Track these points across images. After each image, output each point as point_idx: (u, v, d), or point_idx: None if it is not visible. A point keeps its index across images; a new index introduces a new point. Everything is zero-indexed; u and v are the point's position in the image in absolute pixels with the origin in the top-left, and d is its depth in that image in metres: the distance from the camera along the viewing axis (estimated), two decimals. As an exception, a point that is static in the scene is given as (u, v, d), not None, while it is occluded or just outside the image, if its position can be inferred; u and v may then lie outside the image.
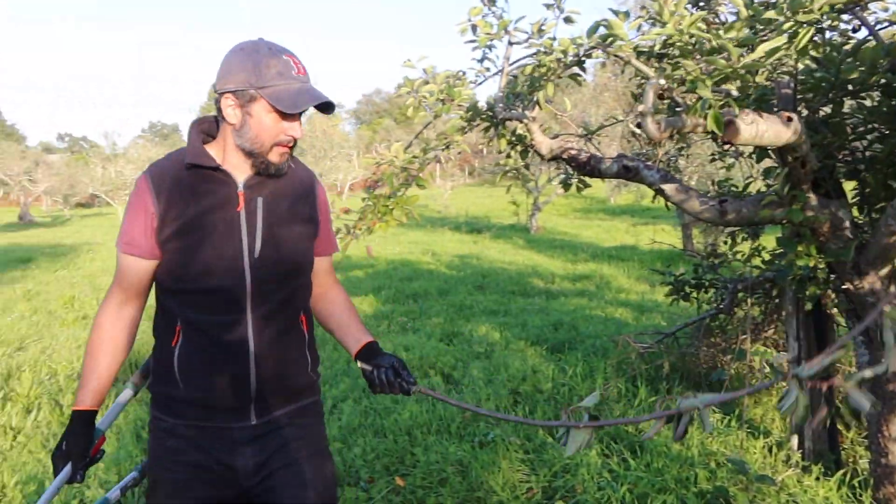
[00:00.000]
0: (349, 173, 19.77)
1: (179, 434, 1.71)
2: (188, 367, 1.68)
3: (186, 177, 1.66)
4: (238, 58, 1.61)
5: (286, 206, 1.74)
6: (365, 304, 8.45)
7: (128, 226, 1.67)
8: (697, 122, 2.47)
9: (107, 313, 1.73)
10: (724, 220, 3.01)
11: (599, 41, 2.70)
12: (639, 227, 18.79)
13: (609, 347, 5.38)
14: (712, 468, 3.27)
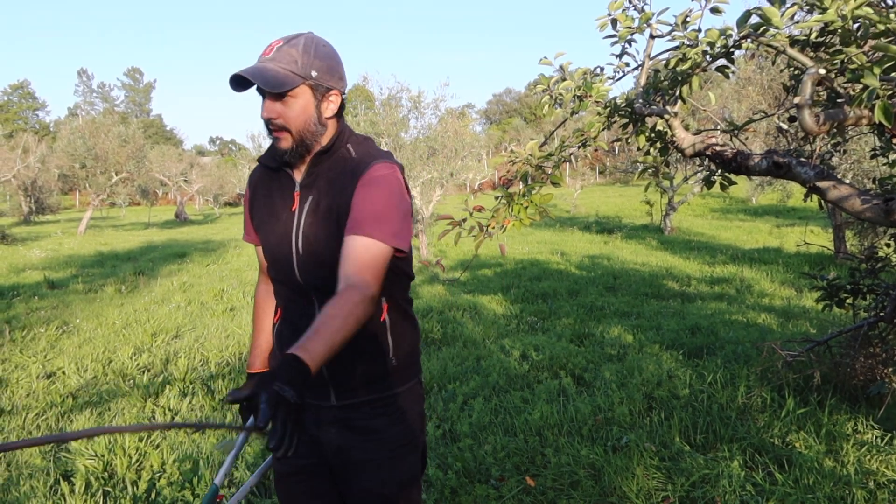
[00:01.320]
0: (479, 173, 19.94)
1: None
2: (281, 342, 1.86)
3: (266, 174, 1.85)
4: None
5: (326, 204, 1.71)
6: (494, 302, 8.47)
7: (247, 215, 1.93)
8: (862, 113, 2.29)
9: (258, 288, 2.04)
10: (891, 221, 2.77)
11: (751, 30, 2.56)
12: (783, 229, 17.71)
13: (752, 354, 5.10)
14: (871, 488, 3.02)
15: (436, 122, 15.73)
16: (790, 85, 3.23)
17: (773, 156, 3.01)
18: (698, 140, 3.18)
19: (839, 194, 2.84)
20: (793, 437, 3.62)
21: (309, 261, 1.73)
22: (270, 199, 1.81)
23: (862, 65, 2.18)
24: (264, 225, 1.82)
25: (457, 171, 15.00)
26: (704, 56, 2.84)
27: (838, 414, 3.86)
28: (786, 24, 2.50)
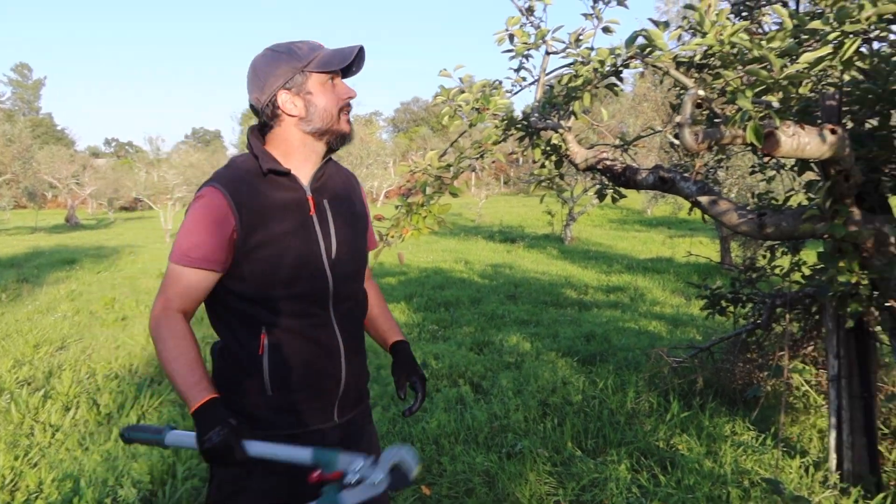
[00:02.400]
0: (385, 181, 19.92)
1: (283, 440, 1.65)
2: (280, 372, 1.67)
3: (261, 185, 1.67)
4: (270, 59, 1.68)
5: (346, 206, 1.80)
6: (397, 311, 8.45)
7: (198, 239, 1.62)
8: (736, 133, 2.43)
9: (171, 321, 1.63)
10: (763, 234, 2.95)
11: (638, 51, 2.67)
12: (675, 240, 18.55)
13: (642, 361, 5.30)
14: (745, 487, 3.19)
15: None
16: (675, 104, 3.39)
17: (659, 171, 3.15)
18: (591, 154, 3.29)
19: (718, 209, 3.01)
20: (676, 439, 3.79)
21: (342, 265, 1.74)
22: (278, 209, 1.66)
23: (737, 87, 2.31)
24: (277, 240, 1.65)
25: (362, 179, 14.94)
26: (595, 73, 2.94)
27: (718, 417, 4.07)
28: (672, 45, 2.63)
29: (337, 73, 1.70)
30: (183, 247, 1.63)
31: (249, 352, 1.67)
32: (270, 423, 1.68)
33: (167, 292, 1.66)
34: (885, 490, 3.17)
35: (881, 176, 3.01)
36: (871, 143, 2.87)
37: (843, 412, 3.37)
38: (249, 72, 1.69)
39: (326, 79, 1.68)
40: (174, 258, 1.64)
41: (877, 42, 2.98)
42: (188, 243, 1.62)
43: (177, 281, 1.64)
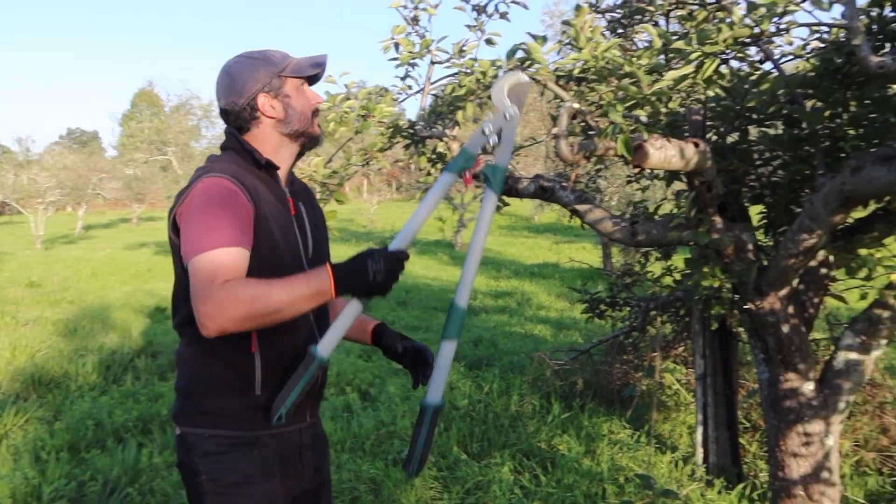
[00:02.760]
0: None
1: (263, 444, 1.64)
2: (270, 371, 1.64)
3: (256, 180, 1.68)
4: (247, 64, 1.73)
5: (313, 210, 1.87)
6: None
7: (226, 223, 1.53)
8: (609, 145, 2.54)
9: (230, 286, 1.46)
10: (636, 241, 3.10)
11: (518, 64, 2.75)
12: (561, 245, 19.17)
13: (526, 364, 5.45)
14: (621, 483, 3.34)
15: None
16: (554, 115, 3.51)
17: (539, 180, 3.25)
18: (474, 162, 3.35)
19: (594, 217, 3.13)
20: (557, 440, 3.91)
21: (316, 265, 1.68)
22: (271, 205, 1.67)
23: (609, 101, 2.42)
24: (270, 235, 1.63)
25: (249, 183, 14.60)
26: (478, 84, 3.01)
27: (597, 416, 4.24)
28: (552, 58, 2.73)
29: (305, 79, 1.78)
30: (212, 232, 1.51)
31: (241, 350, 1.62)
32: (255, 422, 1.63)
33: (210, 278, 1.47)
34: (745, 480, 3.40)
35: (741, 187, 3.23)
36: (732, 157, 3.07)
37: (709, 409, 3.59)
38: (223, 78, 1.74)
39: (300, 84, 1.75)
40: (204, 247, 1.49)
41: (739, 62, 3.21)
42: (218, 226, 1.52)
43: (218, 266, 1.48)
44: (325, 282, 1.51)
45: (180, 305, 1.66)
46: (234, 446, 1.61)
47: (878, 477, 3.37)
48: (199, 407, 1.63)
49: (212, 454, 1.60)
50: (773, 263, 2.85)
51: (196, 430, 1.63)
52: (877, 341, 2.89)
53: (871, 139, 2.66)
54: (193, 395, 1.64)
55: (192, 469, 1.62)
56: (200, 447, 1.61)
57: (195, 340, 1.61)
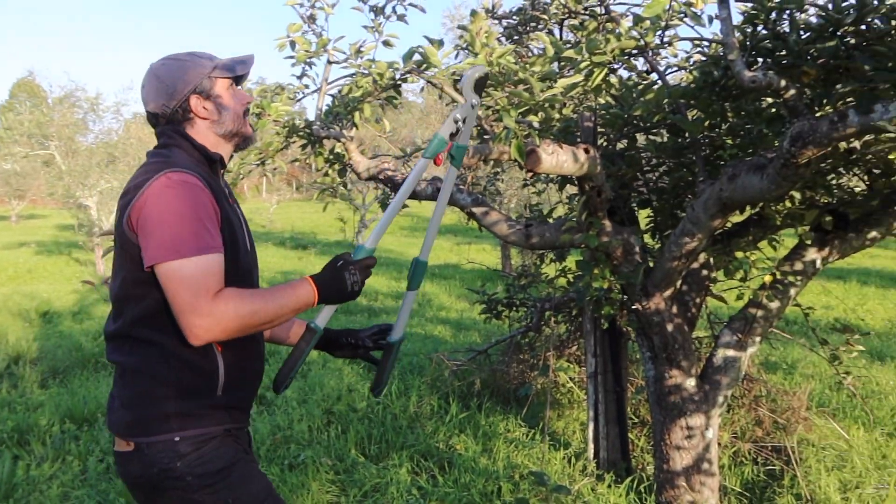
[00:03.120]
0: (167, 183, 18.76)
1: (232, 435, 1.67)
2: (232, 371, 1.64)
3: (210, 176, 1.66)
4: (175, 66, 1.69)
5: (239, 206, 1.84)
6: (177, 321, 8.00)
7: (201, 224, 1.50)
8: (503, 150, 2.59)
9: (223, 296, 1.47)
10: (530, 244, 3.17)
11: (415, 66, 2.76)
12: (462, 247, 19.35)
13: (426, 365, 5.47)
14: (516, 480, 3.40)
15: (118, 127, 14.49)
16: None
17: (437, 182, 3.27)
18: (373, 164, 3.34)
19: (490, 220, 3.19)
20: (455, 440, 3.95)
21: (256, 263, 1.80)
22: (224, 202, 1.65)
23: (503, 107, 2.46)
24: (235, 234, 1.64)
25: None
26: (375, 86, 2.99)
27: (493, 415, 4.30)
28: (449, 62, 2.74)
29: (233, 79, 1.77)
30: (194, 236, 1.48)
31: (206, 353, 1.59)
32: (218, 419, 1.63)
33: (200, 288, 1.45)
34: (633, 473, 3.54)
35: (630, 192, 3.36)
36: (621, 162, 3.19)
37: (600, 405, 3.71)
38: (151, 81, 1.70)
39: (229, 84, 1.74)
40: (184, 252, 1.45)
41: (625, 72, 3.34)
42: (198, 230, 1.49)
43: (206, 273, 1.47)
44: (309, 295, 1.59)
45: (127, 306, 1.58)
46: (206, 441, 1.59)
47: (754, 466, 3.58)
48: (161, 412, 1.56)
49: (188, 454, 1.56)
50: (659, 265, 2.97)
51: (162, 437, 1.56)
52: (752, 339, 3.07)
53: (746, 148, 2.82)
54: (152, 402, 1.56)
55: (167, 477, 1.55)
56: (173, 452, 1.55)
57: (148, 343, 1.57)
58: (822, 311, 8.26)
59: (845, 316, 8.13)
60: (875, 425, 4.10)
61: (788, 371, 5.38)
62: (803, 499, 3.19)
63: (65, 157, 13.49)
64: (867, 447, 3.73)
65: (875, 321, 8.10)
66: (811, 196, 2.89)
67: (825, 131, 2.02)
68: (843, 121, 1.98)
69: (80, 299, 10.09)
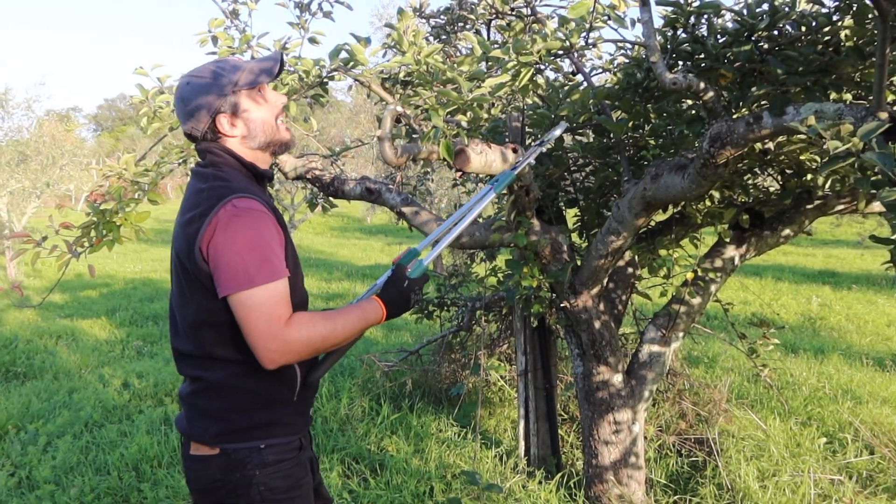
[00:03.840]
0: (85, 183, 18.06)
1: (304, 446, 1.75)
2: (305, 375, 1.71)
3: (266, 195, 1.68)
4: (196, 88, 1.65)
5: None
6: (96, 327, 7.69)
7: (270, 252, 1.53)
8: (432, 149, 2.58)
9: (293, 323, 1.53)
10: (460, 244, 3.17)
11: (341, 64, 2.72)
12: (393, 247, 19.30)
13: (357, 367, 5.41)
14: (448, 480, 3.40)
15: (29, 124, 13.83)
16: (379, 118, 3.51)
17: (366, 182, 3.24)
18: (300, 164, 3.28)
19: (420, 219, 3.17)
20: (387, 441, 3.92)
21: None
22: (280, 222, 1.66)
23: (431, 106, 2.45)
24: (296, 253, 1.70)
25: (55, 181, 13.35)
26: (301, 83, 2.94)
27: (425, 416, 4.29)
28: (376, 60, 2.72)
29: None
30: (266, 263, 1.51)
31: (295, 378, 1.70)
32: (297, 426, 1.71)
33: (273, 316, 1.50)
34: (563, 469, 3.58)
35: (557, 191, 3.41)
36: (549, 162, 3.23)
37: (530, 402, 3.75)
38: (178, 103, 1.69)
39: (255, 92, 1.69)
40: (262, 279, 1.50)
41: (554, 73, 3.38)
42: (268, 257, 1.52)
43: (278, 300, 1.52)
44: (378, 314, 1.66)
45: (204, 329, 1.61)
46: (288, 451, 1.67)
47: (678, 458, 3.68)
48: (250, 422, 1.63)
49: (270, 464, 1.63)
50: (586, 264, 3.02)
51: (249, 444, 1.62)
52: (675, 334, 3.16)
53: (668, 149, 2.90)
54: (239, 412, 1.63)
55: (244, 483, 1.61)
56: (257, 460, 1.62)
57: (232, 362, 1.62)
58: (740, 307, 8.58)
59: (762, 311, 8.47)
60: (790, 415, 4.27)
61: (710, 365, 5.56)
62: (724, 488, 3.30)
63: (-28, 156, 12.83)
64: (783, 436, 3.89)
65: (789, 315, 8.46)
66: (729, 195, 2.99)
67: (742, 132, 2.09)
68: (759, 122, 2.05)
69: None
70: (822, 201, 2.86)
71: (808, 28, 2.14)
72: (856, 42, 2.08)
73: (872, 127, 1.44)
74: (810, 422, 4.19)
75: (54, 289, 9.40)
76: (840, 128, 1.49)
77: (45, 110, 14.30)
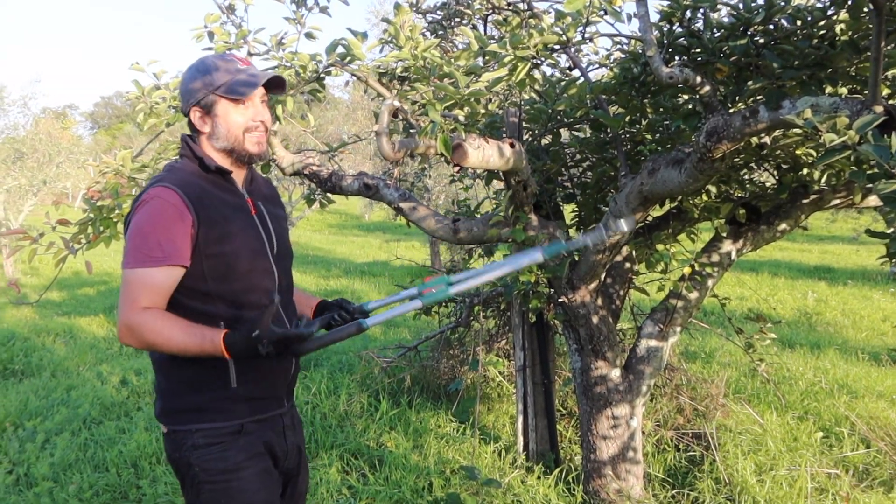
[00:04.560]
0: (82, 181, 18.03)
1: (249, 431, 1.75)
2: (245, 364, 1.73)
3: (208, 186, 1.74)
4: (191, 74, 1.78)
5: (273, 207, 1.95)
6: (94, 324, 7.69)
7: (159, 237, 1.63)
8: (429, 144, 2.57)
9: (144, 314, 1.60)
10: (457, 239, 3.17)
11: (338, 59, 2.72)
12: (392, 244, 19.30)
13: (355, 363, 5.42)
14: (447, 476, 3.41)
15: (25, 121, 13.80)
16: (376, 113, 3.51)
17: (363, 178, 3.24)
18: (297, 160, 3.28)
19: (418, 215, 3.17)
20: (386, 437, 3.92)
21: (282, 260, 1.89)
22: (227, 209, 1.75)
23: (429, 100, 2.45)
24: (232, 236, 1.73)
25: (51, 179, 13.34)
26: (298, 78, 2.94)
27: (424, 411, 4.30)
28: (373, 56, 2.72)
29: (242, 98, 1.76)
30: (143, 249, 1.62)
31: None
32: (235, 413, 1.73)
33: (132, 298, 1.61)
34: (562, 464, 3.59)
35: (555, 186, 3.41)
36: (546, 157, 3.23)
37: (528, 398, 3.75)
38: (181, 81, 1.81)
39: (235, 101, 1.76)
40: (134, 263, 1.62)
41: (551, 68, 3.38)
42: (149, 244, 1.62)
43: (142, 285, 1.62)
44: (217, 349, 1.61)
45: None
46: (220, 436, 1.71)
47: (676, 453, 3.69)
48: (181, 405, 1.72)
49: (201, 447, 1.70)
50: (584, 259, 3.03)
51: (182, 426, 1.71)
52: (673, 329, 3.16)
53: (665, 143, 2.90)
54: (173, 394, 1.73)
55: (184, 462, 1.71)
56: (189, 441, 1.70)
57: None
58: (736, 302, 8.60)
59: (758, 306, 8.49)
60: (787, 409, 4.29)
61: (707, 360, 5.57)
62: (722, 482, 3.31)
63: (-33, 154, 12.80)
64: (780, 430, 3.90)
65: (785, 310, 8.49)
66: (726, 190, 3.00)
67: (738, 126, 2.09)
68: (755, 116, 2.05)
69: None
70: (818, 196, 2.87)
71: (803, 22, 2.14)
72: (851, 36, 2.08)
73: (868, 120, 1.44)
74: (807, 416, 4.21)
75: (52, 286, 9.39)
76: (836, 121, 1.50)
77: (42, 108, 14.26)
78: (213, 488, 1.70)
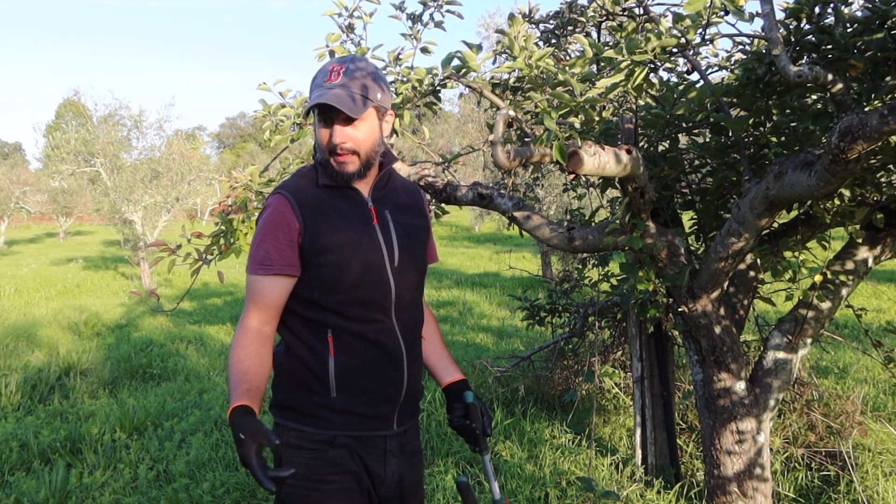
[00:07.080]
0: (210, 197, 19.16)
1: (340, 444, 1.72)
2: (346, 375, 1.72)
3: (324, 194, 1.73)
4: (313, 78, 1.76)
5: (408, 217, 1.88)
6: (222, 332, 8.13)
7: (268, 246, 1.68)
8: (544, 152, 2.58)
9: (242, 333, 1.67)
10: (573, 247, 3.15)
11: (454, 72, 2.77)
12: (502, 255, 19.31)
13: (468, 372, 5.46)
14: (563, 487, 3.37)
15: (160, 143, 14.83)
16: (490, 123, 3.54)
17: (477, 188, 3.28)
18: (413, 171, 3.36)
19: (532, 223, 3.17)
20: (500, 446, 3.93)
21: (404, 273, 1.80)
22: (342, 218, 1.73)
23: (543, 109, 2.46)
24: (344, 246, 1.71)
25: (183, 196, 14.24)
26: (414, 92, 3.02)
27: (539, 422, 4.27)
28: (488, 67, 2.76)
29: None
30: (257, 257, 1.69)
31: (317, 354, 1.72)
32: (330, 423, 1.72)
33: (249, 303, 1.70)
34: (682, 479, 3.48)
35: (672, 193, 3.32)
36: (663, 163, 3.16)
37: (647, 410, 3.66)
38: (384, 78, 1.81)
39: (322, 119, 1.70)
40: (251, 268, 1.70)
41: (668, 72, 3.31)
42: (260, 253, 1.68)
43: (256, 291, 1.69)
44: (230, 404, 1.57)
45: None
46: (311, 442, 1.70)
47: (807, 472, 3.49)
48: (284, 401, 1.75)
49: (292, 447, 1.70)
50: (704, 267, 2.93)
51: (282, 421, 1.74)
52: (803, 340, 3.00)
53: (792, 146, 2.77)
54: (281, 390, 1.76)
55: (277, 455, 1.71)
56: (285, 438, 1.71)
57: (283, 339, 1.78)
58: (873, 314, 8.03)
59: (899, 318, 7.90)
60: (934, 429, 3.97)
61: (841, 375, 5.24)
62: (860, 504, 3.10)
63: (110, 174, 13.87)
64: (926, 452, 3.61)
65: (930, 323, 7.84)
66: (861, 193, 2.82)
67: (875, 125, 1.97)
68: (893, 114, 1.93)
69: (127, 312, 10.33)
70: (968, 197, 2.65)
71: (949, 11, 2.00)
72: None
73: None
74: (957, 437, 3.87)
75: (185, 296, 10.00)
76: None
77: (174, 129, 15.20)
78: (291, 492, 1.68)
